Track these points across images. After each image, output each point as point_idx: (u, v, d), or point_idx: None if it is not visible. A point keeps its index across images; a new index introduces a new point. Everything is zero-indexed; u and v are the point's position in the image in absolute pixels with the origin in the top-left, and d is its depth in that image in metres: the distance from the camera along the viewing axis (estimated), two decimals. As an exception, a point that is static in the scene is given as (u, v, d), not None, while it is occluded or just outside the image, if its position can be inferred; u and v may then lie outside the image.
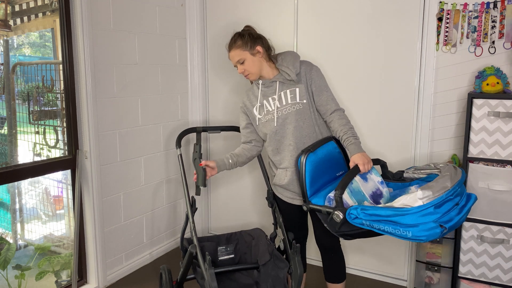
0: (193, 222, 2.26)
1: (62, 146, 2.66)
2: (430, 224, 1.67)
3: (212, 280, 2.01)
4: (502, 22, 2.36)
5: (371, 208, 1.77)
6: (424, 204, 1.68)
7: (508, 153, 2.20)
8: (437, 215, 1.68)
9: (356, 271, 2.99)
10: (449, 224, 1.70)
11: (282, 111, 2.16)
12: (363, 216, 1.78)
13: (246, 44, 2.17)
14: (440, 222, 1.68)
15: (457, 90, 2.53)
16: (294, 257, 2.20)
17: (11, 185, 2.71)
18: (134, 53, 2.88)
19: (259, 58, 2.20)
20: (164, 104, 3.18)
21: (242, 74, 2.23)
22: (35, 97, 2.58)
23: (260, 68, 2.21)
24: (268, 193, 2.45)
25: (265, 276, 2.40)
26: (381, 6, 2.67)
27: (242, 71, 2.21)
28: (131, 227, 3.00)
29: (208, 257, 2.06)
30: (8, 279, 2.49)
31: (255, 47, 2.18)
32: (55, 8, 2.51)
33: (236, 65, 2.23)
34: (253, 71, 2.20)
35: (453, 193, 1.77)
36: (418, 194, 1.71)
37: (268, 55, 2.23)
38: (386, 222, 1.75)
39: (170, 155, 3.28)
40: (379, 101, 2.75)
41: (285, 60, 2.20)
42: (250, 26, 2.29)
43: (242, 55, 2.18)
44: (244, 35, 2.19)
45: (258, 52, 2.18)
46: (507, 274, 2.28)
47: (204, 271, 2.07)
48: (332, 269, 2.33)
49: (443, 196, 1.71)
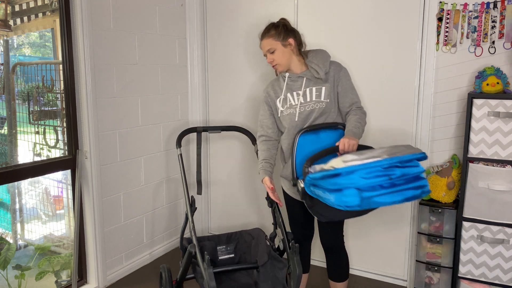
0: (193, 222, 2.26)
1: (62, 146, 2.66)
2: (351, 191, 1.60)
3: (211, 280, 2.01)
4: (502, 22, 2.36)
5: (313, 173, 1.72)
6: (346, 167, 1.61)
7: (508, 153, 2.20)
8: (359, 181, 1.60)
9: (356, 271, 2.99)
10: (372, 194, 1.61)
11: (305, 107, 2.17)
12: (307, 180, 1.72)
13: (279, 34, 2.19)
14: (363, 191, 1.60)
15: (457, 90, 2.53)
16: (292, 257, 2.20)
17: (11, 185, 2.71)
18: (134, 53, 2.88)
19: (290, 51, 2.21)
20: (164, 104, 3.18)
21: (270, 64, 2.24)
22: (35, 97, 2.58)
23: (289, 60, 2.22)
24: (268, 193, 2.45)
25: (265, 277, 2.40)
26: (381, 6, 2.67)
27: (271, 61, 2.23)
28: (131, 227, 3.00)
29: (207, 257, 2.06)
30: (8, 279, 2.49)
31: (287, 39, 2.19)
32: (55, 8, 2.51)
33: (266, 54, 2.24)
34: (282, 62, 2.21)
35: (386, 166, 1.66)
36: (344, 157, 1.64)
37: (298, 49, 2.25)
38: (318, 186, 1.69)
39: (170, 155, 3.28)
40: (379, 101, 2.75)
41: (316, 57, 2.21)
42: (285, 19, 2.30)
43: (273, 45, 2.19)
44: (279, 26, 2.21)
45: (290, 44, 2.20)
46: (507, 274, 2.28)
47: (203, 270, 2.07)
48: (335, 267, 2.34)
49: (370, 164, 1.63)
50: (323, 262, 3.07)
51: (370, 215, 2.88)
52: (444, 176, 2.52)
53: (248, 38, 3.15)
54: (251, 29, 3.13)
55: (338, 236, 2.30)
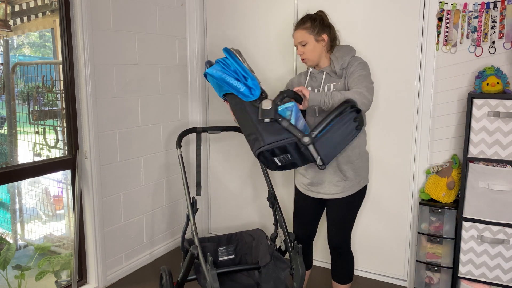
0: (194, 223, 2.26)
1: (62, 146, 2.66)
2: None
3: (215, 281, 2.01)
4: (502, 22, 2.36)
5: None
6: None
7: (508, 153, 2.20)
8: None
9: (356, 271, 2.99)
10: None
11: None
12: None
13: (314, 28, 2.14)
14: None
15: (457, 90, 2.53)
16: (295, 257, 2.20)
17: (11, 185, 2.71)
18: (134, 53, 2.88)
19: (322, 46, 2.16)
20: (164, 104, 3.18)
21: (299, 55, 2.20)
22: (35, 97, 2.58)
23: (320, 56, 2.17)
24: (269, 193, 2.45)
25: (267, 278, 2.40)
26: (381, 6, 2.67)
27: (301, 53, 2.18)
28: (131, 227, 3.00)
29: (210, 258, 2.06)
30: (8, 279, 2.49)
31: (321, 34, 2.14)
32: (55, 8, 2.51)
33: (297, 45, 2.19)
34: (311, 57, 2.17)
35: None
36: None
37: (331, 45, 2.20)
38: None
39: (170, 155, 3.28)
40: (379, 101, 2.75)
41: (339, 51, 2.17)
42: (323, 12, 2.24)
43: (306, 38, 2.14)
44: (316, 20, 2.16)
45: (323, 40, 2.15)
46: (507, 274, 2.28)
47: (206, 272, 2.07)
48: (339, 269, 2.34)
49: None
50: (324, 262, 3.07)
51: (370, 215, 2.88)
52: (444, 176, 2.52)
53: (248, 38, 3.15)
54: (251, 29, 3.13)
55: (346, 237, 2.30)
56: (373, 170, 2.81)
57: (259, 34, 3.09)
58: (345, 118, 1.88)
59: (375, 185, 2.83)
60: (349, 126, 1.92)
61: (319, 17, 2.18)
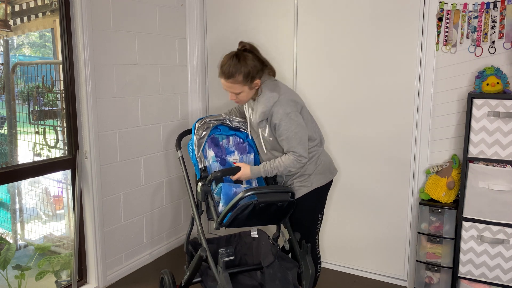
0: (201, 225, 2.25)
1: (62, 146, 2.66)
2: None
3: (228, 283, 2.00)
4: (502, 22, 2.36)
5: None
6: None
7: (508, 153, 2.20)
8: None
9: (356, 271, 2.99)
10: None
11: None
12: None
13: (246, 80, 2.13)
14: None
15: (457, 90, 2.53)
16: (304, 256, 2.19)
17: (11, 185, 2.71)
18: (134, 53, 2.88)
19: (255, 89, 2.19)
20: (164, 104, 3.18)
21: (232, 99, 2.23)
22: (35, 97, 2.58)
23: (251, 95, 2.23)
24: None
25: (271, 278, 2.39)
26: (381, 6, 2.67)
27: (234, 99, 2.22)
28: (131, 227, 3.00)
29: (222, 260, 2.05)
30: (8, 279, 2.49)
31: (254, 81, 2.15)
32: (55, 8, 2.51)
33: (227, 90, 2.20)
34: (245, 100, 2.24)
35: None
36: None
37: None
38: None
39: (170, 155, 3.28)
40: (379, 101, 2.75)
41: (263, 96, 2.17)
42: (254, 49, 2.21)
43: (239, 89, 2.16)
44: (249, 73, 2.11)
45: (256, 85, 2.17)
46: (507, 274, 2.28)
47: (216, 274, 2.06)
48: None
49: None
50: (326, 262, 3.07)
51: (370, 215, 2.88)
52: (444, 176, 2.52)
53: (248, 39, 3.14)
54: (251, 29, 3.13)
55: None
56: (373, 170, 2.81)
57: (259, 34, 3.09)
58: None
59: (375, 185, 2.83)
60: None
61: (251, 65, 2.11)
